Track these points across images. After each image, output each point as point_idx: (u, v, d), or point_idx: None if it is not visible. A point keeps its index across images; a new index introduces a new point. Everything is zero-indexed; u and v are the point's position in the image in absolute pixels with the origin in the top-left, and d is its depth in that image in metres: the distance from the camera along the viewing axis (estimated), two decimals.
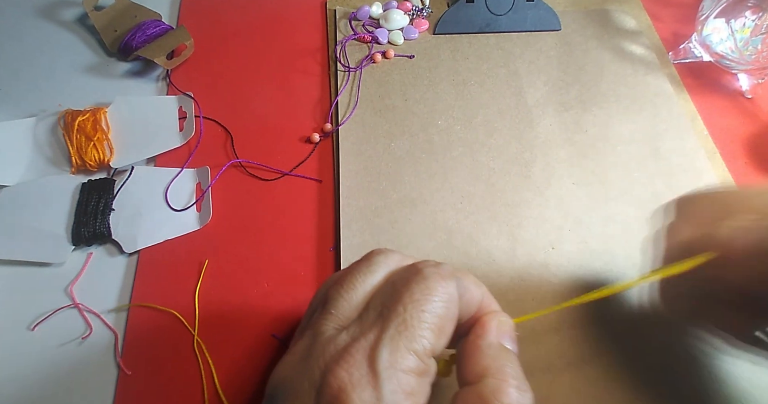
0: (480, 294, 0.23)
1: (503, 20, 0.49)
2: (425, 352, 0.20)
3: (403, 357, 0.19)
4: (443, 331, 0.21)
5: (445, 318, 0.21)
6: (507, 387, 0.20)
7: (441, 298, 0.21)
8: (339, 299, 0.22)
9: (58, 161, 0.41)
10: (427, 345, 0.20)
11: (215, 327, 0.34)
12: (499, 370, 0.21)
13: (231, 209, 0.39)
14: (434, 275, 0.21)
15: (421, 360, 0.20)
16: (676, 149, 0.42)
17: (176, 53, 0.48)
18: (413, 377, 0.19)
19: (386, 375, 0.19)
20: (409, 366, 0.19)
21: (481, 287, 0.23)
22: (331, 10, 0.51)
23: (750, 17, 0.43)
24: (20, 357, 0.33)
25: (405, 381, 0.19)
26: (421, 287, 0.21)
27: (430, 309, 0.20)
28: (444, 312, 0.21)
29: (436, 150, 0.42)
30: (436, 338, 0.20)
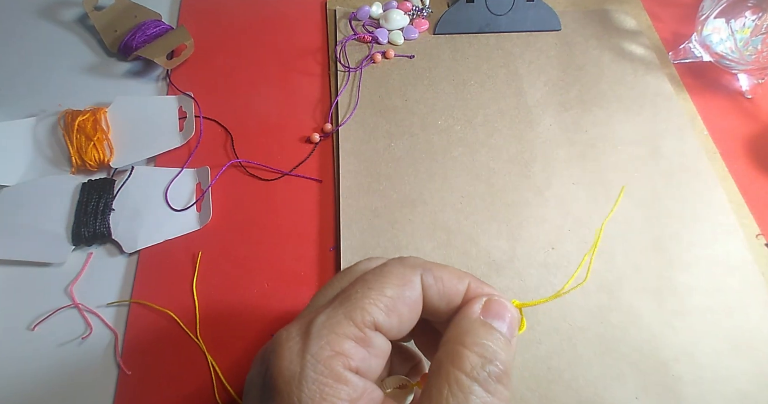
0: (461, 286, 0.23)
1: (503, 20, 0.49)
2: (364, 322, 0.20)
3: (338, 322, 0.20)
4: (393, 311, 0.21)
5: (397, 300, 0.21)
6: (467, 353, 0.20)
7: (392, 281, 0.21)
8: (315, 296, 0.24)
9: (58, 161, 0.41)
10: (368, 317, 0.20)
11: (215, 326, 0.34)
12: (463, 336, 0.21)
13: (231, 209, 0.39)
14: (393, 263, 0.22)
15: (359, 328, 0.20)
16: (676, 149, 0.42)
17: (176, 53, 0.48)
18: (348, 340, 0.19)
19: (317, 333, 0.19)
20: (344, 330, 0.20)
21: (464, 279, 0.23)
22: (331, 10, 0.51)
23: (750, 17, 0.43)
24: (20, 357, 0.33)
25: (336, 340, 0.19)
26: (376, 273, 0.22)
27: (377, 288, 0.21)
28: (394, 293, 0.21)
29: (436, 150, 0.42)
30: (383, 315, 0.20)
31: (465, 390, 0.19)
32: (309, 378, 0.18)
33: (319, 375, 0.18)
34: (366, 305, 0.20)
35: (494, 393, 0.19)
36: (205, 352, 0.33)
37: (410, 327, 0.22)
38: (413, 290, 0.22)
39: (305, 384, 0.18)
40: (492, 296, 0.22)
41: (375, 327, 0.20)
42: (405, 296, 0.21)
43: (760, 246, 0.37)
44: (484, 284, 0.23)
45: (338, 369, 0.19)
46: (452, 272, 0.23)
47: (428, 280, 0.22)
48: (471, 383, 0.19)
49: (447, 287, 0.23)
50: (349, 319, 0.20)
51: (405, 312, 0.21)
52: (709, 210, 0.39)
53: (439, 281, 0.22)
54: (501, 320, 0.21)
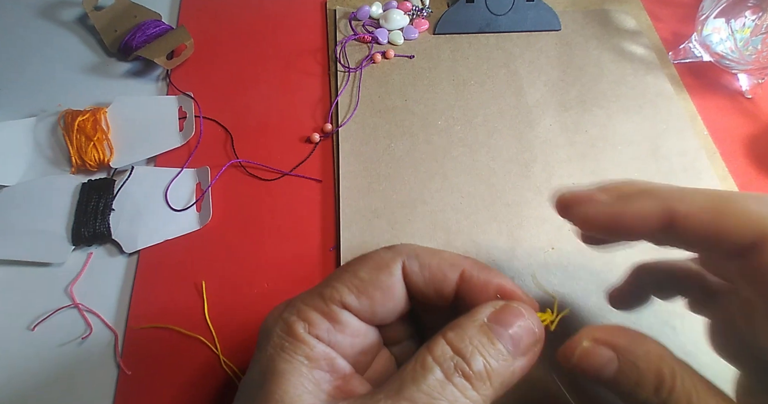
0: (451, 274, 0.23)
1: (503, 20, 0.49)
2: (331, 298, 0.22)
3: (310, 296, 0.22)
4: (363, 293, 0.22)
5: (368, 283, 0.22)
6: (442, 342, 0.20)
7: (369, 264, 0.23)
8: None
9: (58, 161, 0.41)
10: (336, 294, 0.22)
11: (215, 326, 0.34)
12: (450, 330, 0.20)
13: (231, 209, 0.39)
14: (380, 249, 0.24)
15: (325, 303, 0.22)
16: (676, 149, 0.42)
17: (176, 53, 0.48)
18: (312, 311, 0.22)
19: (292, 304, 0.23)
20: (312, 303, 0.22)
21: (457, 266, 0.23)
22: (331, 11, 0.51)
23: (750, 17, 0.43)
24: (20, 357, 0.33)
25: (303, 309, 0.22)
26: (359, 257, 0.23)
27: (352, 270, 0.23)
28: (367, 276, 0.22)
29: (436, 150, 0.42)
30: (352, 296, 0.22)
31: (426, 369, 0.19)
32: (275, 334, 0.22)
33: (282, 333, 0.21)
34: (336, 284, 0.22)
35: (455, 384, 0.19)
36: (215, 342, 0.33)
37: (389, 313, 0.23)
38: (390, 276, 0.22)
39: (272, 338, 0.21)
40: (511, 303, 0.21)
41: (342, 305, 0.22)
42: (378, 280, 0.22)
43: None
44: (486, 270, 0.23)
45: (299, 331, 0.21)
46: (445, 259, 0.23)
47: (412, 267, 0.23)
48: (433, 365, 0.19)
49: (434, 275, 0.23)
50: (319, 295, 0.22)
51: (377, 296, 0.22)
52: None
53: (426, 268, 0.23)
54: (504, 328, 0.20)
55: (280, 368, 0.20)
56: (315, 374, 0.21)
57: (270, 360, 0.21)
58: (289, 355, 0.21)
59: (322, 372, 0.21)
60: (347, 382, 0.21)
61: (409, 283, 0.23)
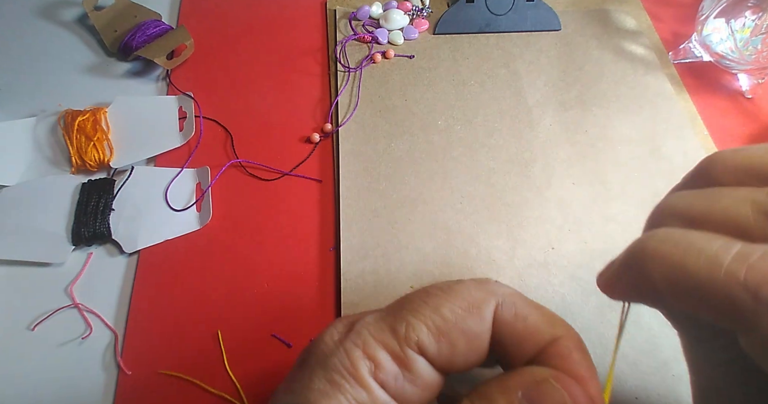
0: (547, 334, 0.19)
1: (503, 20, 0.49)
2: (407, 339, 0.18)
3: (381, 329, 0.19)
4: (444, 337, 0.18)
5: (453, 325, 0.18)
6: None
7: (456, 302, 0.19)
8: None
9: (58, 161, 0.41)
10: (412, 334, 0.18)
11: (215, 326, 0.34)
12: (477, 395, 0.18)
13: (231, 209, 0.39)
14: (468, 282, 0.20)
15: (399, 343, 0.18)
16: (676, 149, 0.42)
17: (176, 53, 0.48)
18: (383, 351, 0.18)
19: (357, 331, 0.19)
20: (384, 339, 0.18)
21: (556, 327, 0.19)
22: (331, 10, 0.51)
23: (750, 17, 0.43)
24: (20, 357, 0.33)
25: (371, 345, 0.18)
26: (443, 288, 0.19)
27: (435, 305, 0.19)
28: (451, 316, 0.18)
29: (436, 150, 0.42)
30: (430, 337, 0.18)
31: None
32: (332, 366, 0.18)
33: (341, 368, 0.18)
34: (413, 321, 0.18)
35: None
36: (221, 345, 0.33)
37: (470, 365, 0.19)
38: (479, 320, 0.19)
39: (327, 370, 0.18)
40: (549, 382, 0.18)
41: (418, 348, 0.18)
42: (464, 324, 0.18)
43: None
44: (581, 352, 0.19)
45: (362, 371, 0.18)
46: (544, 314, 0.19)
47: (506, 314, 0.19)
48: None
49: (529, 331, 0.19)
50: (393, 330, 0.18)
51: (461, 343, 0.19)
52: None
53: (522, 320, 0.19)
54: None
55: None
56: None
57: (321, 395, 0.18)
58: (344, 398, 0.17)
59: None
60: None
61: (495, 331, 0.19)
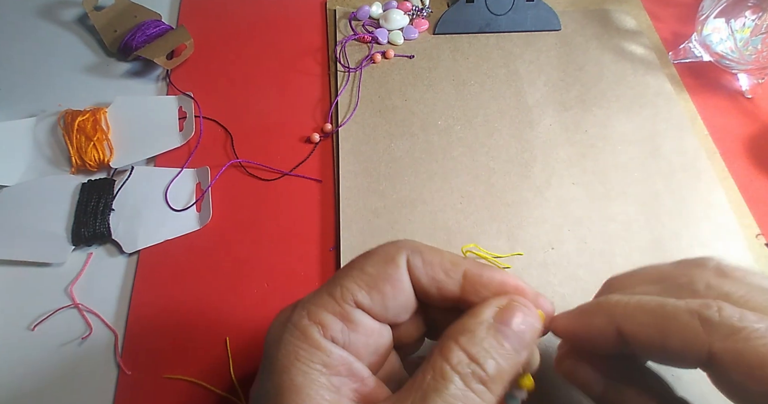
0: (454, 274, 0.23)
1: (503, 20, 0.49)
2: (342, 297, 0.21)
3: (320, 297, 0.22)
4: (374, 289, 0.22)
5: (377, 277, 0.22)
6: (457, 349, 0.20)
7: (375, 259, 0.22)
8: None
9: (58, 161, 0.41)
10: (346, 292, 0.21)
11: (215, 326, 0.34)
12: (460, 334, 0.20)
13: (231, 209, 0.39)
14: (383, 244, 0.23)
15: (337, 303, 0.21)
16: (676, 149, 0.42)
17: (176, 53, 0.48)
18: (325, 312, 0.21)
19: (300, 306, 0.22)
20: (323, 303, 0.21)
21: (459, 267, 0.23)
22: (331, 11, 0.51)
23: (750, 17, 0.43)
24: (20, 357, 0.33)
25: (314, 311, 0.21)
26: (363, 254, 0.23)
27: (359, 266, 0.22)
28: (375, 270, 0.22)
29: (436, 150, 0.42)
30: (363, 292, 0.22)
31: (446, 378, 0.19)
32: (286, 340, 0.20)
33: (295, 339, 0.20)
34: (345, 281, 0.22)
35: (474, 391, 0.19)
36: (228, 347, 0.33)
37: (401, 308, 0.23)
38: (397, 268, 0.22)
39: (283, 345, 0.20)
40: (513, 300, 0.22)
41: (355, 303, 0.22)
42: (386, 274, 0.22)
43: (760, 246, 0.37)
44: (488, 268, 0.23)
45: (314, 335, 0.20)
46: (446, 258, 0.23)
47: (415, 262, 0.22)
48: (453, 374, 0.19)
49: (436, 273, 0.23)
50: (330, 294, 0.22)
51: (388, 290, 0.22)
52: (709, 210, 0.39)
53: (428, 265, 0.22)
54: (509, 328, 0.21)
55: (297, 382, 0.19)
56: (333, 381, 0.20)
57: (284, 371, 0.20)
58: (305, 364, 0.20)
59: (340, 377, 0.20)
60: (366, 386, 0.21)
61: (413, 279, 0.23)
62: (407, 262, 0.23)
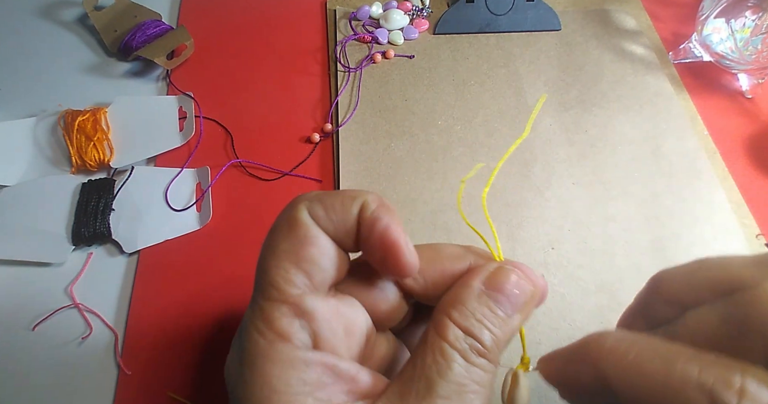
0: (354, 207, 0.20)
1: (503, 20, 0.49)
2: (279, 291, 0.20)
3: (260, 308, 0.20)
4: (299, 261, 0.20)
5: (292, 249, 0.20)
6: (451, 324, 0.19)
7: (278, 234, 0.21)
8: None
9: (58, 161, 0.41)
10: (279, 285, 0.20)
11: (215, 326, 0.34)
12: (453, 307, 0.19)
13: (231, 209, 0.39)
14: (278, 216, 0.21)
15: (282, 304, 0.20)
16: (676, 149, 0.42)
17: (176, 53, 0.48)
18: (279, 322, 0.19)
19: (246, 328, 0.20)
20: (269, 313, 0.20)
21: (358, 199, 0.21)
22: (331, 10, 0.51)
23: (750, 17, 0.43)
24: (20, 357, 0.33)
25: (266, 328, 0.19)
26: (267, 235, 0.21)
27: (269, 252, 0.21)
28: (286, 244, 0.20)
29: (436, 150, 0.42)
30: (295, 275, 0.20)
31: (447, 358, 0.18)
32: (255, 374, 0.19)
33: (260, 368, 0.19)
34: (269, 276, 0.20)
35: (477, 365, 0.19)
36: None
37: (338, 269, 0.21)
38: (304, 228, 0.20)
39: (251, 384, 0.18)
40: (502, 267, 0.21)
41: (295, 288, 0.20)
42: (299, 238, 0.20)
43: (760, 246, 0.37)
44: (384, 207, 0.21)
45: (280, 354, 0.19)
46: (347, 195, 0.21)
47: (317, 212, 0.20)
48: (453, 352, 0.19)
49: (341, 216, 0.20)
50: (267, 299, 0.20)
51: (313, 253, 0.20)
52: (709, 210, 0.39)
53: (331, 210, 0.20)
54: (500, 293, 0.20)
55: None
56: (320, 395, 0.18)
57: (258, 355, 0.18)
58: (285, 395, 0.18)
59: (326, 389, 0.18)
60: (358, 382, 0.19)
61: (323, 229, 0.20)
62: (312, 217, 0.20)
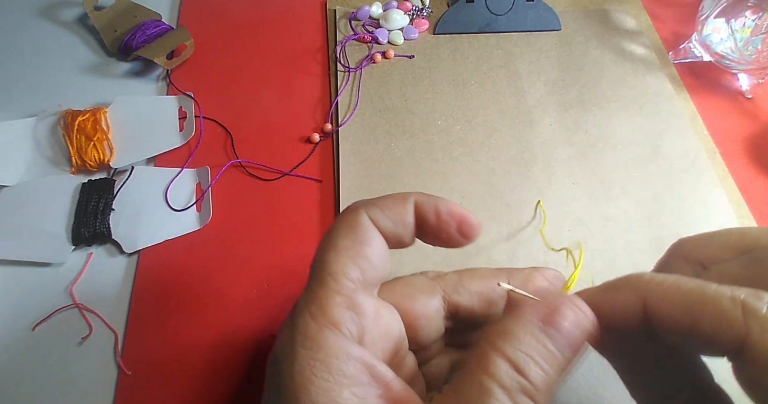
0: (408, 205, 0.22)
1: (503, 20, 0.49)
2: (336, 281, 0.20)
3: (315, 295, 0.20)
4: (357, 257, 0.21)
5: (352, 245, 0.21)
6: (498, 360, 0.18)
7: (341, 233, 0.21)
8: None
9: (58, 161, 0.41)
10: (337, 275, 0.20)
11: (215, 326, 0.34)
12: (500, 339, 0.19)
13: (231, 209, 0.39)
14: (340, 215, 0.23)
15: (334, 291, 0.20)
16: (676, 149, 0.42)
17: (176, 53, 0.48)
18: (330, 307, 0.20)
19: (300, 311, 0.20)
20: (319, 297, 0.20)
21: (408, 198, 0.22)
22: (331, 10, 0.51)
23: (750, 17, 0.43)
24: (20, 357, 0.33)
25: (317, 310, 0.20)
26: (328, 232, 0.22)
27: (329, 247, 0.21)
28: (348, 242, 0.21)
29: (436, 150, 0.42)
30: (351, 269, 0.21)
31: (487, 393, 0.18)
32: (299, 354, 0.19)
33: (308, 351, 0.19)
34: (329, 266, 0.21)
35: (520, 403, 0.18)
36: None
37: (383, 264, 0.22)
38: (365, 228, 0.21)
39: (296, 361, 0.19)
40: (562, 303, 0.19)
41: (350, 282, 0.20)
42: (359, 237, 0.21)
43: None
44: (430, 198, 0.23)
45: (327, 341, 0.19)
46: (394, 196, 0.23)
47: (375, 214, 0.22)
48: (495, 388, 0.18)
49: (395, 213, 0.22)
50: (323, 286, 0.20)
51: (369, 252, 0.21)
52: (709, 210, 0.39)
53: (387, 210, 0.22)
54: (557, 329, 0.19)
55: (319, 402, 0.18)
56: (356, 391, 0.18)
57: (301, 390, 0.18)
58: (324, 380, 0.18)
59: (363, 386, 0.19)
60: (391, 390, 0.19)
61: (381, 230, 0.22)
62: (371, 220, 0.22)
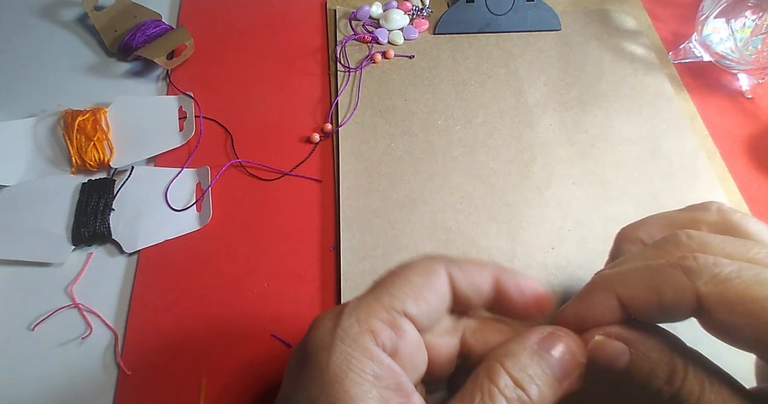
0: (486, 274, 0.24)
1: (503, 20, 0.49)
2: (392, 305, 0.21)
3: (368, 305, 0.21)
4: (420, 297, 0.22)
5: (423, 287, 0.22)
6: (503, 373, 0.20)
7: (418, 271, 0.23)
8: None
9: (58, 161, 0.41)
10: (396, 302, 0.21)
11: (215, 326, 0.34)
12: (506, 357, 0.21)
13: (231, 209, 0.39)
14: (419, 258, 0.24)
15: (386, 311, 0.21)
16: (676, 149, 0.42)
17: (176, 53, 0.48)
18: (376, 320, 0.21)
19: (348, 313, 0.21)
20: (373, 311, 0.21)
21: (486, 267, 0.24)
22: (331, 10, 0.51)
23: (750, 17, 0.43)
24: (20, 357, 0.33)
25: (365, 319, 0.21)
26: (403, 265, 0.23)
27: (404, 276, 0.22)
28: (419, 280, 0.22)
29: (436, 150, 0.42)
30: (410, 300, 0.22)
31: (495, 400, 0.20)
32: (338, 348, 0.20)
33: (347, 347, 0.20)
34: (393, 290, 0.22)
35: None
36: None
37: (440, 318, 0.23)
38: (439, 278, 0.23)
39: (335, 352, 0.20)
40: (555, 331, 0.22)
41: (403, 311, 0.21)
42: (431, 284, 0.22)
43: None
44: (510, 272, 0.24)
45: (366, 344, 0.20)
46: (474, 262, 0.24)
47: (454, 271, 0.23)
48: (500, 398, 0.20)
49: (473, 277, 0.23)
50: (378, 301, 0.21)
51: (432, 300, 0.22)
52: None
53: (465, 272, 0.23)
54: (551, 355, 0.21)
55: (351, 393, 0.19)
56: (384, 394, 0.20)
57: (336, 380, 0.19)
58: (358, 375, 0.20)
59: (389, 391, 0.20)
60: (410, 401, 0.21)
61: (454, 287, 0.23)
62: (448, 273, 0.23)
